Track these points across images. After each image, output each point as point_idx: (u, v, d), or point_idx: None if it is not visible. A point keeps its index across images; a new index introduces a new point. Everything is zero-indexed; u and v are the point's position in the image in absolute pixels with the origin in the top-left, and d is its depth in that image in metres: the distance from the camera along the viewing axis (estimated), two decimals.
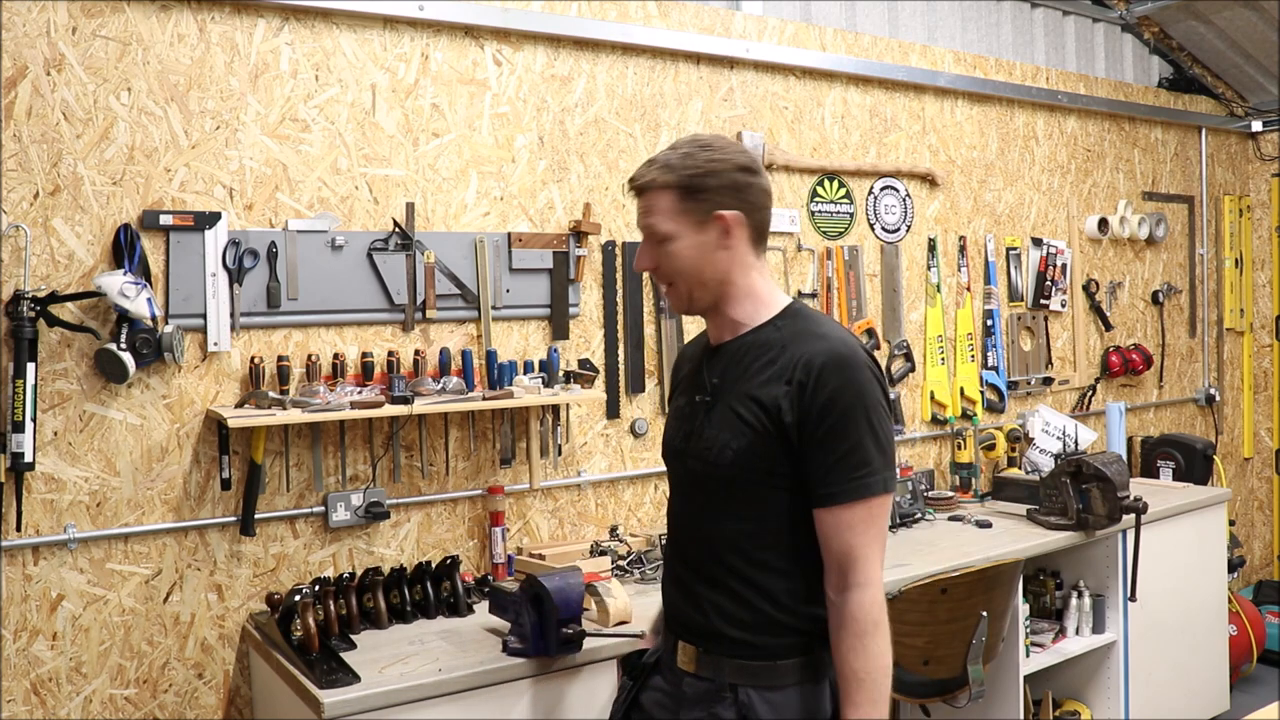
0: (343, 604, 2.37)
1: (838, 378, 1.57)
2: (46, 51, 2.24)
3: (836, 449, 1.57)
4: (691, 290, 1.69)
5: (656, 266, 1.70)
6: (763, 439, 1.60)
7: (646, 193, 1.68)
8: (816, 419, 1.57)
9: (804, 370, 1.58)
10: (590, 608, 2.36)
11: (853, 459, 1.57)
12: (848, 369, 1.58)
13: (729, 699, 1.63)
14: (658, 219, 1.66)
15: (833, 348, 1.60)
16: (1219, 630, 3.77)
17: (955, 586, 2.64)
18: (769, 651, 1.63)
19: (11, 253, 2.22)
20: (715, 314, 1.72)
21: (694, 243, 1.66)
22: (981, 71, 3.94)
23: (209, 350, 2.43)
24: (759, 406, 1.61)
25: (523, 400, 2.67)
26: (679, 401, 1.80)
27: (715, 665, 1.66)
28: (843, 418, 1.57)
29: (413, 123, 2.70)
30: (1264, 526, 5.15)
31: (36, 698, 2.25)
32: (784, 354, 1.62)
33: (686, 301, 1.71)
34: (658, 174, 1.66)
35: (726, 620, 1.65)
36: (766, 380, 1.62)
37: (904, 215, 3.73)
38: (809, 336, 1.63)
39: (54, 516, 2.27)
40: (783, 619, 1.63)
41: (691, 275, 1.67)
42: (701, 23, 3.21)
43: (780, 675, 1.63)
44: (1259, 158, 5.10)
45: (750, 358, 1.67)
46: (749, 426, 1.61)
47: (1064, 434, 3.76)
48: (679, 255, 1.66)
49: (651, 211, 1.67)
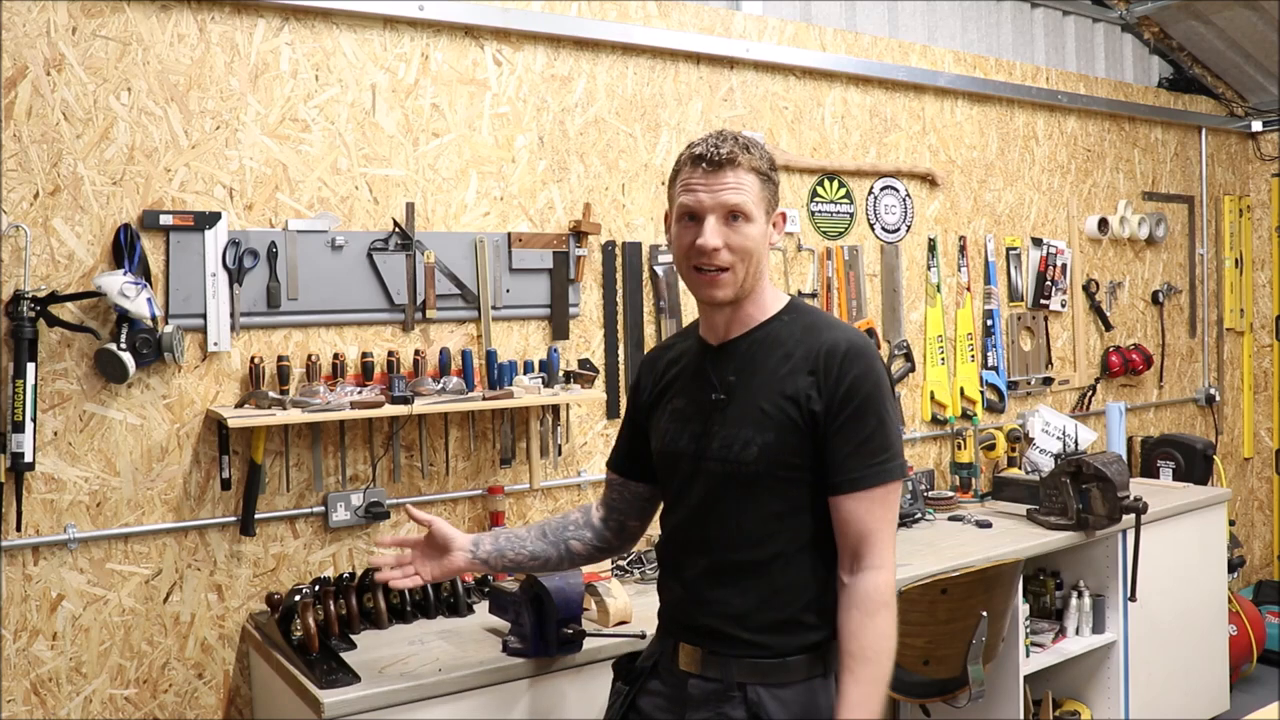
0: (343, 604, 2.36)
1: (859, 365, 1.61)
2: (46, 51, 2.24)
3: (859, 434, 1.60)
4: (747, 276, 1.65)
5: (726, 244, 1.62)
6: (789, 432, 1.61)
7: (730, 168, 1.61)
8: (840, 405, 1.60)
9: (827, 358, 1.61)
10: (590, 608, 2.36)
11: (873, 444, 1.60)
12: (866, 357, 1.63)
13: (737, 698, 1.63)
14: (741, 195, 1.61)
15: (850, 337, 1.64)
16: (1219, 630, 3.77)
17: (955, 586, 2.64)
18: (779, 649, 1.63)
19: (11, 253, 2.22)
20: (737, 307, 1.69)
21: (763, 230, 1.65)
22: (981, 71, 3.94)
23: (209, 350, 2.43)
24: (785, 399, 1.62)
25: (523, 400, 2.67)
26: (676, 403, 1.76)
27: (722, 665, 1.65)
28: (864, 404, 1.60)
29: (413, 123, 2.70)
30: (1264, 526, 5.15)
31: (36, 698, 2.25)
32: (800, 346, 1.64)
33: (738, 287, 1.64)
34: (742, 153, 1.62)
35: (738, 620, 1.65)
36: (789, 373, 1.63)
37: (904, 215, 3.73)
38: (823, 328, 1.66)
39: (54, 516, 2.27)
40: (795, 614, 1.64)
41: (754, 260, 1.65)
42: (701, 23, 3.21)
43: (790, 672, 1.63)
44: (1259, 158, 5.10)
45: (764, 353, 1.66)
46: (775, 421, 1.62)
47: (1064, 434, 3.76)
48: (753, 238, 1.63)
49: (739, 188, 1.61)
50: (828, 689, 1.65)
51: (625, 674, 1.84)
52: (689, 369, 1.77)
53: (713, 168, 1.62)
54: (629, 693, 1.80)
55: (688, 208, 1.64)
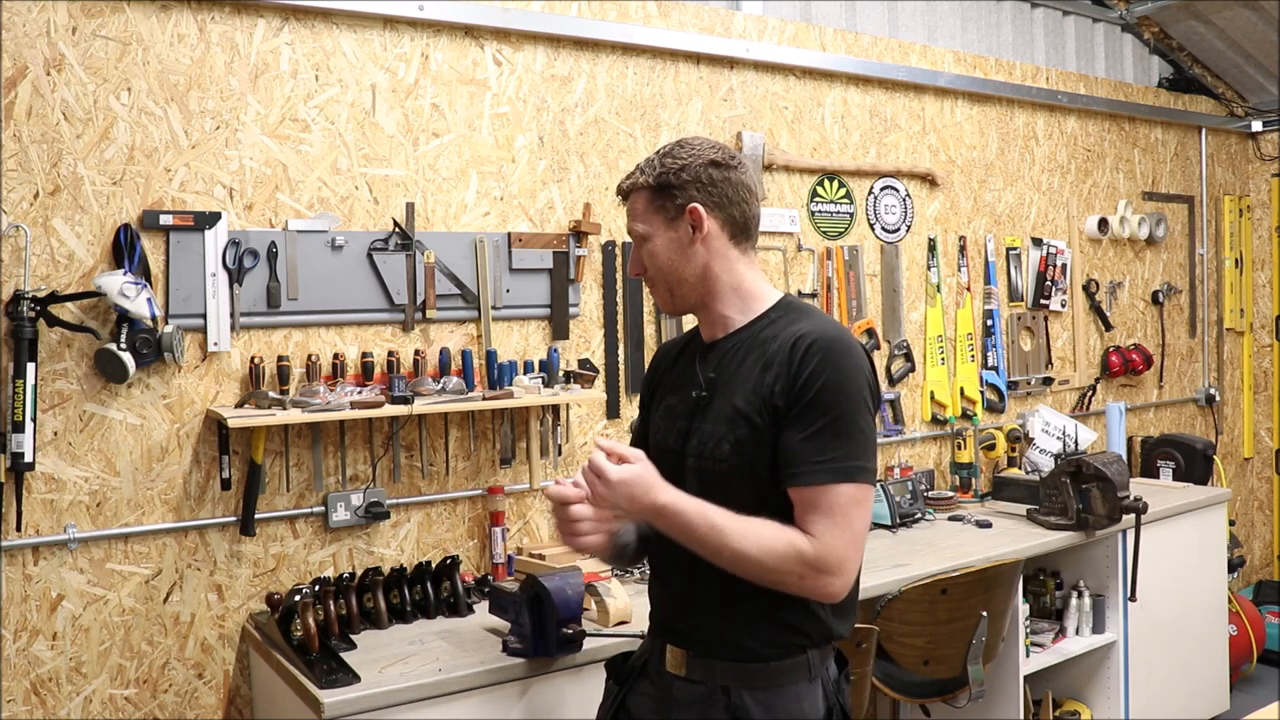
0: (343, 604, 2.37)
1: (821, 356, 1.55)
2: (46, 51, 2.24)
3: (808, 426, 1.54)
4: (672, 288, 1.70)
5: (644, 269, 1.72)
6: (759, 431, 1.59)
7: (630, 197, 1.72)
8: (796, 396, 1.55)
9: (792, 350, 1.58)
10: (590, 608, 2.36)
11: (823, 438, 1.53)
12: (835, 351, 1.56)
13: (721, 701, 1.62)
14: (635, 221, 1.70)
15: (820, 328, 1.60)
16: (1219, 630, 3.78)
17: (955, 586, 2.64)
18: (763, 652, 1.62)
19: (11, 253, 2.22)
20: (704, 311, 1.72)
21: (668, 240, 1.68)
22: (981, 71, 3.94)
23: (209, 350, 2.43)
24: (755, 396, 1.61)
25: (523, 400, 2.67)
26: (669, 400, 1.77)
27: (707, 668, 1.65)
28: (820, 395, 1.54)
29: (413, 123, 2.70)
30: (1264, 526, 5.15)
31: (36, 698, 2.25)
32: (776, 342, 1.62)
33: (669, 300, 1.73)
34: (636, 176, 1.70)
35: (721, 622, 1.64)
36: (763, 369, 1.62)
37: (904, 215, 3.73)
38: (804, 324, 1.62)
39: (54, 516, 2.27)
40: (779, 617, 1.62)
41: (670, 273, 1.69)
42: (701, 23, 3.21)
43: (774, 676, 1.62)
44: (1259, 158, 5.10)
45: (744, 352, 1.66)
46: (745, 419, 1.61)
47: (1064, 434, 3.76)
48: (656, 254, 1.69)
49: (631, 214, 1.71)
50: (814, 693, 1.64)
51: (617, 673, 1.84)
52: (681, 367, 1.79)
53: (623, 199, 1.74)
54: (619, 692, 1.80)
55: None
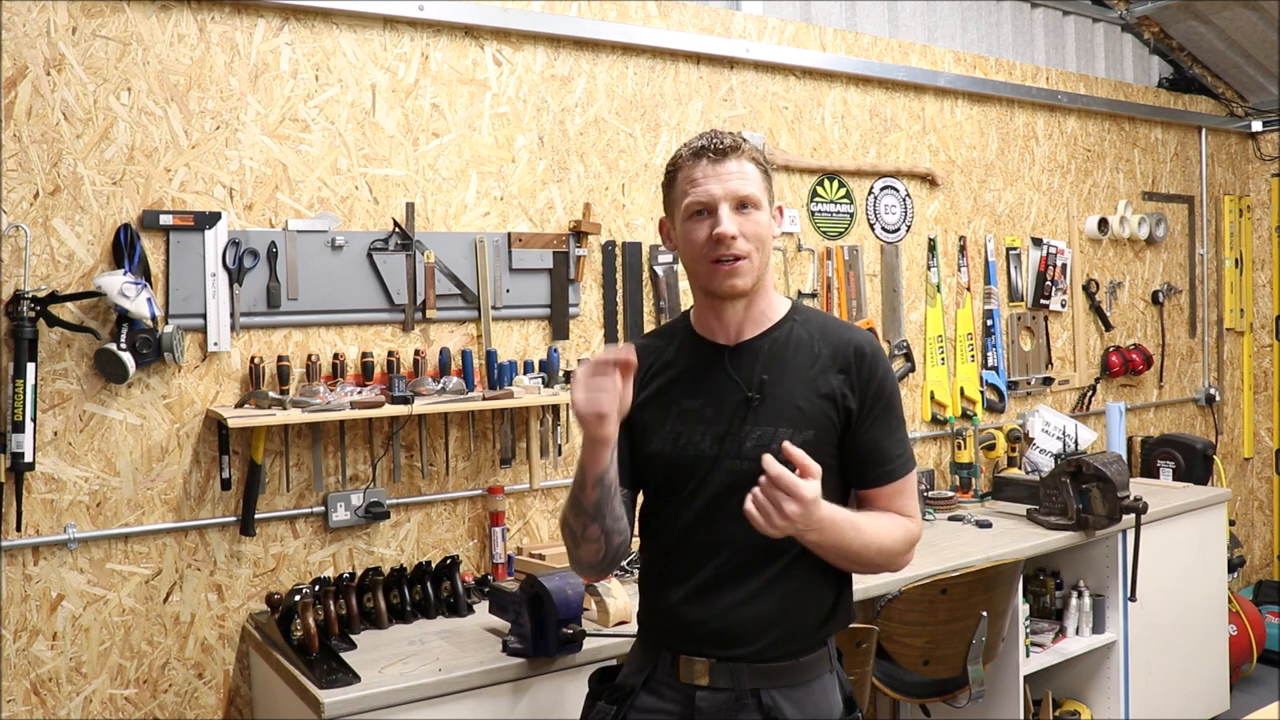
0: (343, 604, 2.37)
1: (882, 363, 1.69)
2: (46, 51, 2.24)
3: (889, 428, 1.68)
4: (762, 266, 1.65)
5: (741, 233, 1.61)
6: (826, 430, 1.64)
7: (734, 156, 1.62)
8: (871, 401, 1.66)
9: (856, 357, 1.66)
10: (590, 608, 2.36)
11: (897, 435, 1.70)
12: (884, 357, 1.72)
13: (751, 704, 1.62)
14: (747, 183, 1.62)
15: (868, 337, 1.72)
16: (1219, 630, 3.77)
17: (955, 586, 2.64)
18: (790, 650, 1.63)
19: (11, 253, 2.22)
20: (750, 304, 1.68)
21: (768, 219, 1.66)
22: (981, 71, 3.94)
23: (209, 350, 2.43)
24: (821, 398, 1.64)
25: (523, 400, 2.67)
26: (686, 404, 1.69)
27: (732, 673, 1.63)
28: (890, 400, 1.68)
29: (413, 123, 2.70)
30: (1264, 526, 5.15)
31: (36, 698, 2.25)
32: (824, 346, 1.67)
33: (750, 273, 1.63)
34: (743, 143, 1.63)
35: (756, 625, 1.63)
36: (821, 371, 1.65)
37: (904, 215, 3.73)
38: (839, 328, 1.72)
39: (54, 516, 2.27)
40: (806, 614, 1.65)
41: (766, 249, 1.66)
42: (701, 23, 3.21)
43: (802, 672, 1.64)
44: (1259, 158, 5.09)
45: (790, 352, 1.67)
46: (812, 419, 1.63)
47: (1064, 434, 3.76)
48: (764, 225, 1.63)
49: (742, 176, 1.61)
50: (834, 684, 1.67)
51: (610, 693, 1.75)
52: (694, 369, 1.71)
53: (718, 156, 1.61)
54: (616, 713, 1.71)
55: (698, 202, 1.62)
